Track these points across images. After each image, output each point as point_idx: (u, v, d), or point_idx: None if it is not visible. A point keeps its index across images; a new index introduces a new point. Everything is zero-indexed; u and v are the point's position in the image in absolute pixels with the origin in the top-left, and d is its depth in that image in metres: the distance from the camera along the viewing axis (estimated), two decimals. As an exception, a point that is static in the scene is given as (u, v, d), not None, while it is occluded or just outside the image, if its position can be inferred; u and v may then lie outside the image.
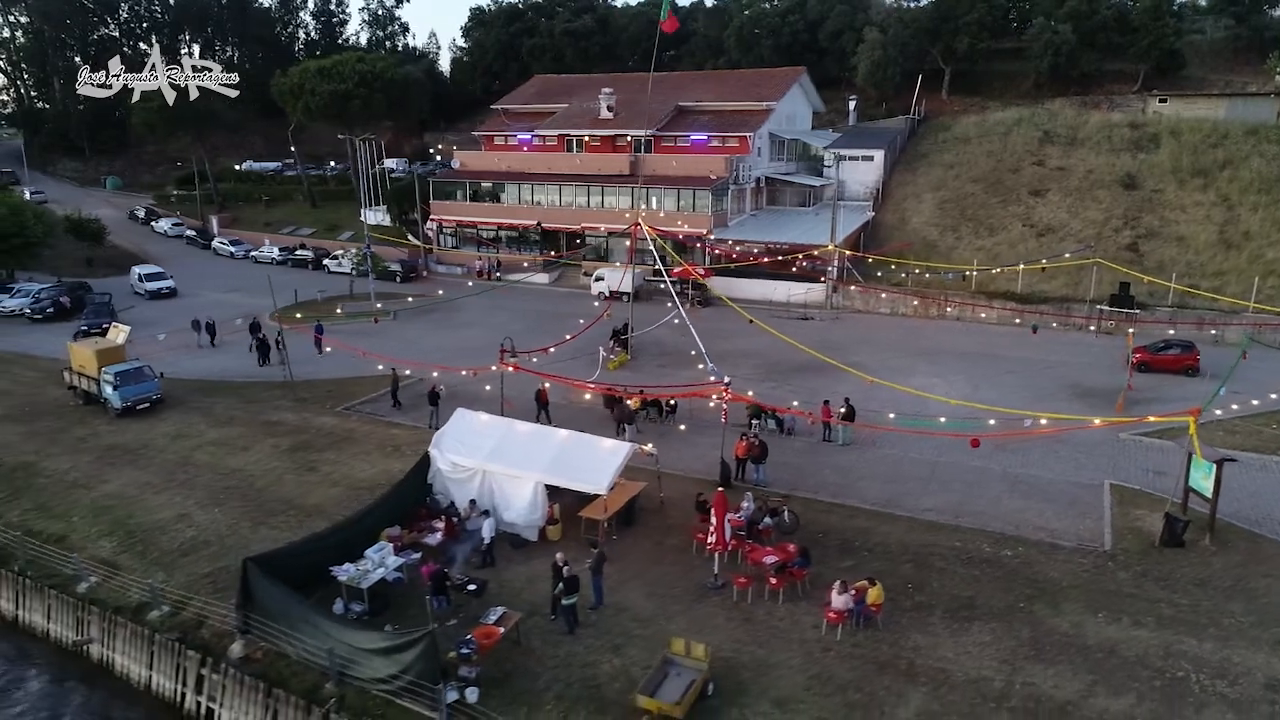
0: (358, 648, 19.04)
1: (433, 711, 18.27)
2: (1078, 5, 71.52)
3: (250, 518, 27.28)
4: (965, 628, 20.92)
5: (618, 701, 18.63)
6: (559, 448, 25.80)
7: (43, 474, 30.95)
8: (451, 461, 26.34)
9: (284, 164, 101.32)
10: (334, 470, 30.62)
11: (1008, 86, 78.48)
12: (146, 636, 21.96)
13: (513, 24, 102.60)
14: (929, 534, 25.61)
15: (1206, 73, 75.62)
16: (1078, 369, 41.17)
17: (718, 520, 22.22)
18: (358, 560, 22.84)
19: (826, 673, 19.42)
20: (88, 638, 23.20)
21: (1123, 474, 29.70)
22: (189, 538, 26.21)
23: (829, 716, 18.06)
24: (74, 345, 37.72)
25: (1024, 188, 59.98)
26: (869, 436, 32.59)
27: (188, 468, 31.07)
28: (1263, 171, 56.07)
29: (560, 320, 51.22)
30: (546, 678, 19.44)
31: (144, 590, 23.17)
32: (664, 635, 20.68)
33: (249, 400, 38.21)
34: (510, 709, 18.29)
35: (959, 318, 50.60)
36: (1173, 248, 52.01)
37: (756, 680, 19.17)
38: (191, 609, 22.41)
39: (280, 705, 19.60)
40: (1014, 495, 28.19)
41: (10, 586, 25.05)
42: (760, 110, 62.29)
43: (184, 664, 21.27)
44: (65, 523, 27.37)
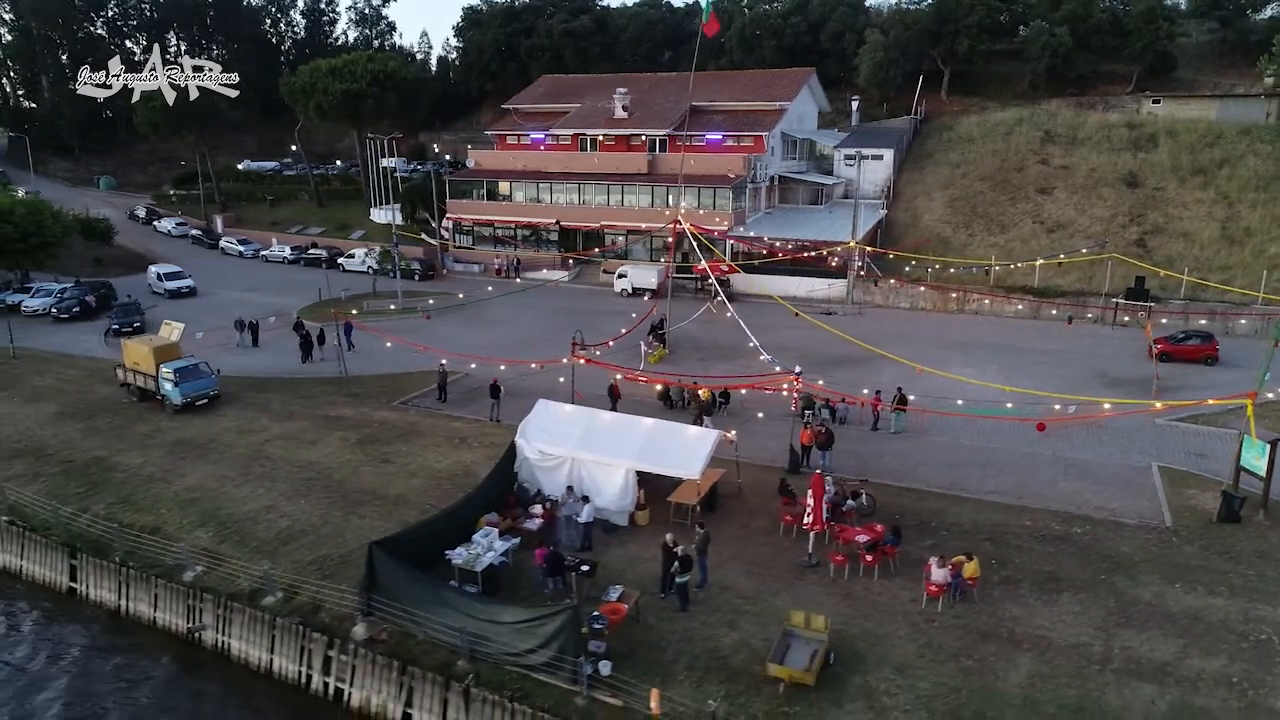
0: (499, 623, 19.85)
1: (573, 684, 19.18)
2: (1074, 8, 73.59)
3: (338, 508, 27.92)
4: (1055, 599, 22.18)
5: (745, 671, 19.64)
6: (646, 436, 26.75)
7: (117, 469, 31.31)
8: (539, 450, 27.19)
9: (282, 163, 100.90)
10: (409, 461, 31.31)
11: (1004, 87, 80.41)
12: (267, 621, 22.58)
13: (510, 24, 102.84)
14: (998, 514, 26.88)
15: (1195, 74, 78.05)
16: (1102, 359, 42.78)
17: (815, 501, 23.31)
18: (461, 545, 23.73)
19: (935, 642, 20.56)
20: (200, 625, 23.75)
21: (1167, 457, 31.19)
22: (283, 528, 26.81)
23: (947, 681, 19.20)
24: (128, 343, 37.95)
25: (1030, 186, 61.79)
26: (919, 425, 33.88)
27: (262, 461, 31.59)
28: (1259, 170, 58.28)
29: (588, 317, 52.07)
30: (672, 651, 20.41)
31: (253, 578, 23.82)
32: (772, 611, 21.78)
33: (303, 396, 38.70)
34: (644, 680, 19.18)
35: (978, 311, 52.17)
36: (1179, 243, 53.99)
37: (871, 650, 20.26)
38: (306, 594, 23.09)
39: (416, 683, 20.36)
40: (1068, 478, 29.55)
41: (112, 577, 25.49)
42: (774, 110, 63.54)
43: (309, 646, 21.93)
44: (154, 515, 27.84)
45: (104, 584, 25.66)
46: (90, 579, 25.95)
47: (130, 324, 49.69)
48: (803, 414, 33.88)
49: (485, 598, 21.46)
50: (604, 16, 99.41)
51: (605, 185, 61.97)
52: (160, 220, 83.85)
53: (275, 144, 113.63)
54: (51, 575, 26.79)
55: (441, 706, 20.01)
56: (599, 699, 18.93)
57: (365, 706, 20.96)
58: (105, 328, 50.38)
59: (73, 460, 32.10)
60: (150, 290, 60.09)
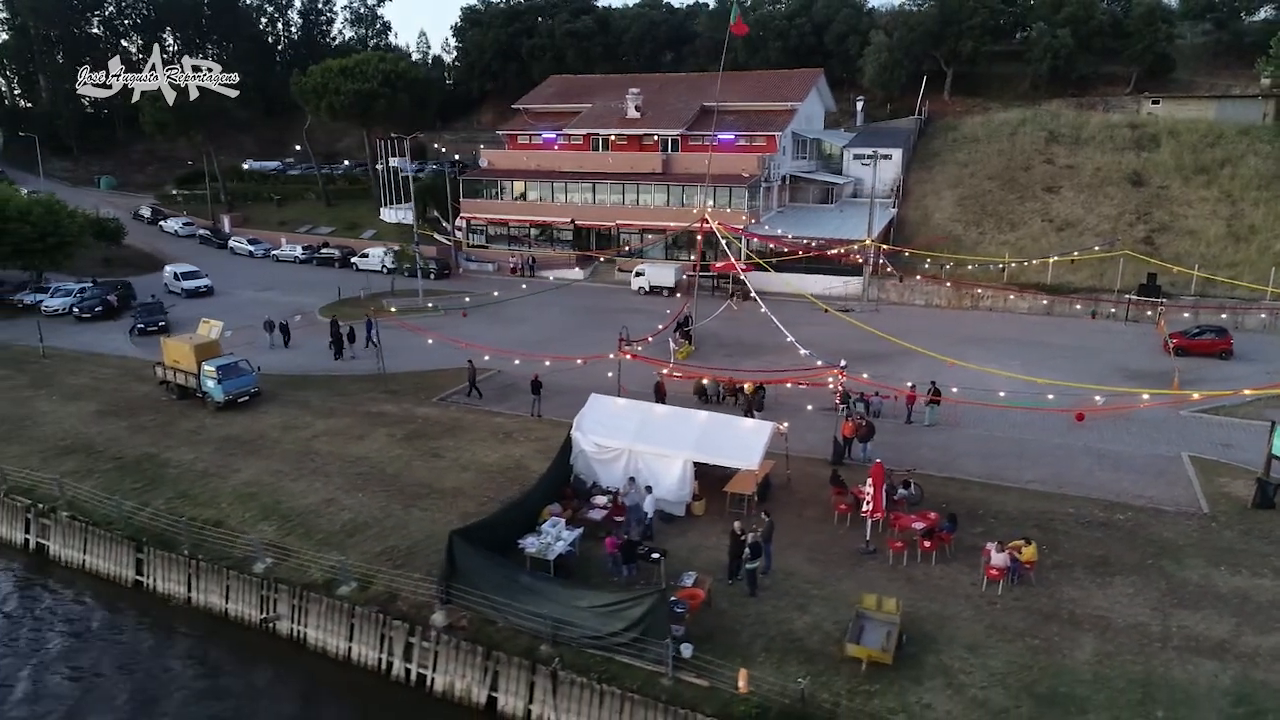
0: (585, 608, 20.49)
1: (658, 665, 19.84)
2: (1075, 10, 74.90)
3: (397, 501, 28.46)
4: (1108, 581, 23.06)
5: (822, 652, 20.38)
6: (701, 428, 27.45)
7: (169, 465, 31.71)
8: (595, 443, 27.82)
9: (284, 163, 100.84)
10: (459, 456, 31.87)
11: (1006, 88, 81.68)
12: (345, 610, 23.10)
13: (511, 24, 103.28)
14: (1042, 502, 27.75)
15: (1192, 76, 79.59)
16: (1119, 354, 43.82)
17: (876, 490, 24.09)
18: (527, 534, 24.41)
19: (1000, 623, 21.37)
20: (275, 614, 24.24)
21: (1195, 447, 32.18)
22: (346, 520, 27.33)
23: (1017, 659, 20.01)
24: (168, 341, 38.26)
25: (1037, 185, 62.96)
26: (952, 417, 34.77)
27: (312, 456, 32.06)
28: (1260, 169, 59.69)
29: (608, 315, 52.82)
30: (747, 634, 21.12)
31: (325, 568, 24.35)
32: (838, 595, 22.56)
33: (340, 393, 39.15)
34: (726, 662, 19.88)
35: (991, 308, 53.21)
36: (1185, 241, 55.24)
37: (940, 630, 21.04)
38: (380, 583, 23.64)
39: (501, 667, 20.97)
40: (1103, 468, 30.48)
41: (182, 569, 25.92)
42: (785, 110, 64.39)
43: (389, 634, 22.48)
44: (215, 509, 28.27)
45: (172, 576, 26.09)
46: (158, 572, 26.36)
47: (155, 323, 49.96)
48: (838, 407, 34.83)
49: (569, 583, 22.07)
50: (606, 17, 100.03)
51: (621, 185, 62.59)
52: (166, 220, 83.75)
53: (273, 144, 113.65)
54: (117, 569, 27.17)
55: (528, 690, 20.63)
56: (684, 680, 19.61)
57: (449, 691, 21.53)
58: (129, 327, 50.49)
59: (123, 457, 32.45)
60: (166, 290, 60.24)
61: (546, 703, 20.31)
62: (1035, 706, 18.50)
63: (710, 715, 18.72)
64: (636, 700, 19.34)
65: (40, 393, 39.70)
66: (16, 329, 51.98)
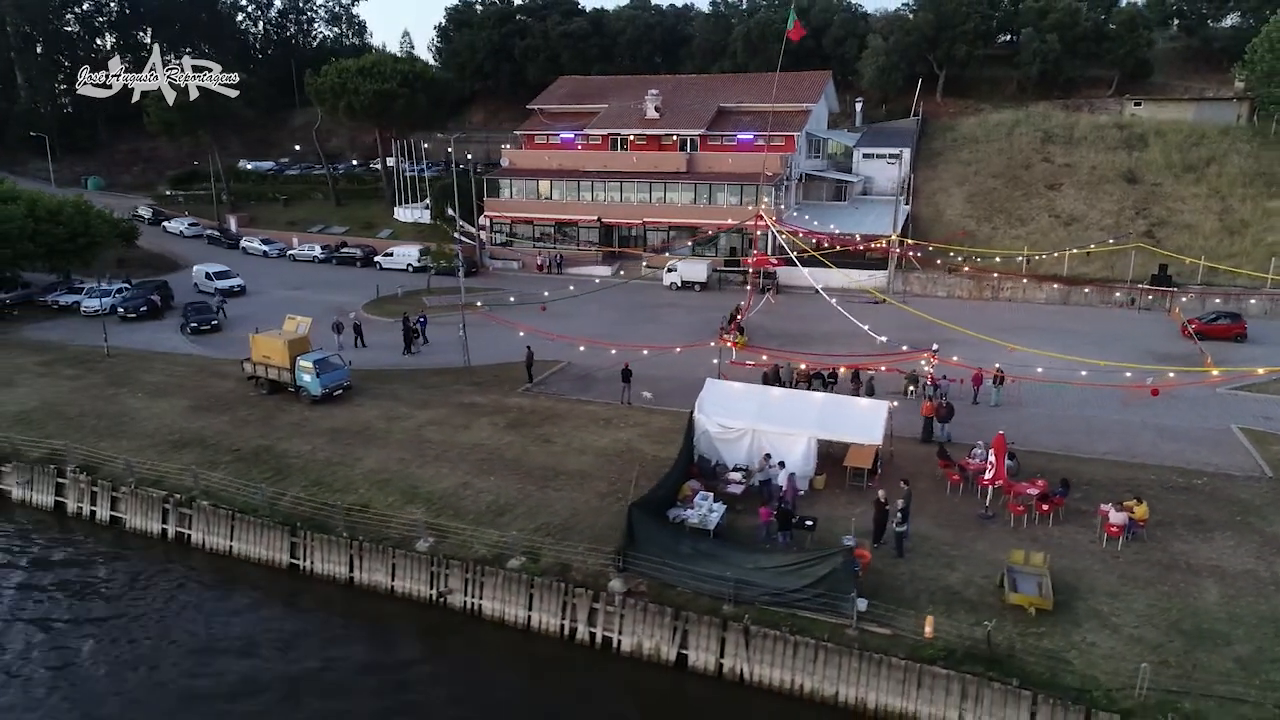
0: (767, 568, 22.46)
1: (841, 618, 21.89)
2: (1061, 17, 78.77)
3: (531, 483, 30.02)
4: (1209, 536, 25.76)
5: (982, 602, 22.64)
6: (820, 408, 29.59)
7: (288, 455, 32.75)
8: (719, 424, 29.74)
9: (279, 163, 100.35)
10: (569, 441, 33.48)
11: (995, 90, 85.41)
12: (524, 581, 24.66)
13: (503, 25, 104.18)
14: (1124, 470, 30.42)
15: (1167, 79, 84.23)
16: (1141, 339, 46.99)
17: (998, 460, 26.46)
18: (678, 508, 26.31)
19: (1128, 573, 23.89)
20: (448, 589, 25.68)
21: (1240, 420, 35.28)
22: (488, 501, 28.83)
23: (1156, 602, 22.53)
24: (258, 337, 39.01)
25: (1039, 182, 66.45)
26: (1014, 398, 37.34)
27: (427, 445, 33.37)
28: (1244, 167, 63.92)
29: (647, 309, 54.90)
30: (909, 590, 23.28)
31: (491, 544, 25.91)
32: (975, 554, 24.91)
33: (425, 386, 40.35)
34: (900, 613, 22.02)
35: (1011, 299, 56.34)
36: (1184, 235, 59.02)
37: (1079, 581, 23.45)
38: (549, 555, 25.28)
39: (691, 626, 22.77)
40: (1164, 440, 33.35)
41: (342, 551, 27.15)
42: (801, 111, 66.87)
43: (571, 601, 24.11)
44: (356, 494, 29.50)
45: (332, 558, 27.30)
46: (316, 554, 27.53)
47: (208, 321, 50.35)
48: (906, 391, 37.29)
49: (746, 547, 23.98)
50: (600, 18, 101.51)
51: (647, 183, 64.39)
52: (170, 221, 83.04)
53: (259, 144, 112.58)
54: (270, 553, 28.26)
55: (718, 645, 22.49)
56: (868, 630, 21.69)
57: (637, 650, 23.29)
58: (180, 326, 50.72)
59: (239, 449, 33.37)
60: (197, 289, 60.26)
61: (739, 656, 22.21)
62: (1185, 641, 20.99)
63: (902, 658, 20.82)
64: (830, 649, 21.36)
65: (122, 390, 40.14)
66: (61, 329, 51.96)
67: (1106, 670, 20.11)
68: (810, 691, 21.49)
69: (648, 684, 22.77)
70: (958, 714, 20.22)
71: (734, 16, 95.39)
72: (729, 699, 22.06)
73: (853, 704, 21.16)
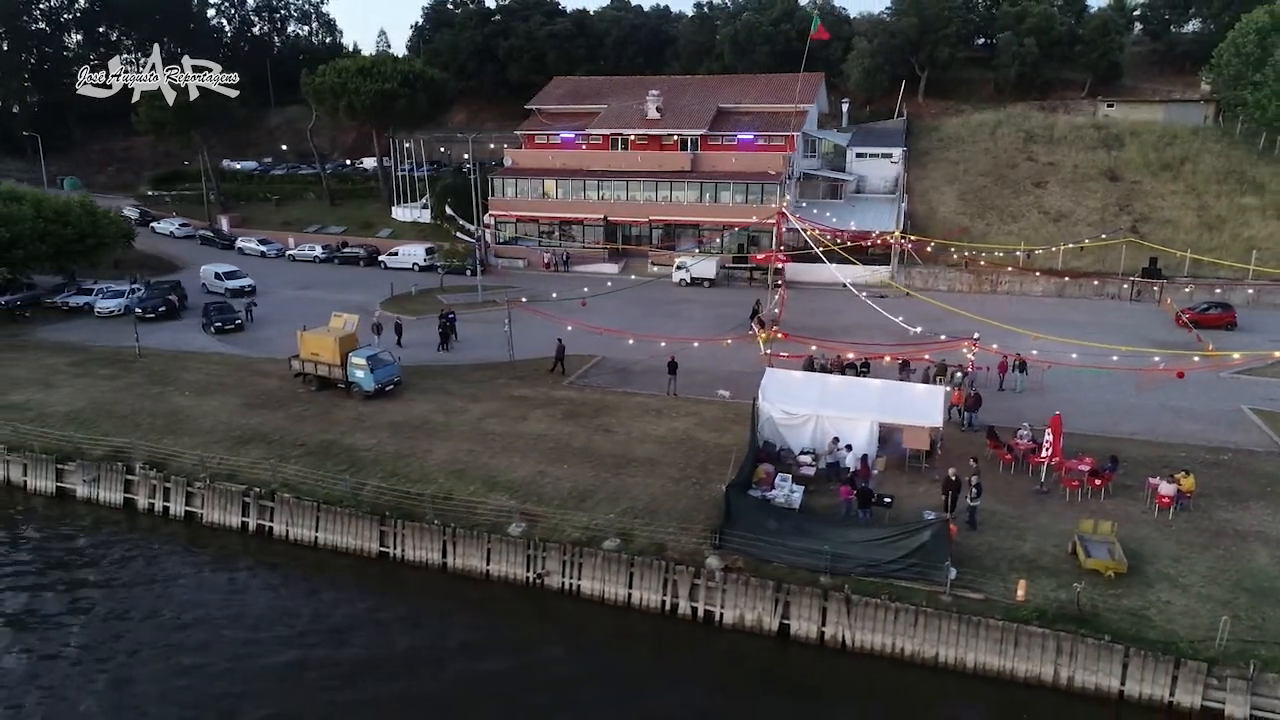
0: (864, 541, 24.05)
1: (934, 585, 23.54)
2: (1037, 21, 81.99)
3: (605, 470, 31.22)
4: (1246, 506, 27.97)
5: (1058, 568, 24.47)
6: (879, 394, 31.30)
7: (357, 449, 33.48)
8: (783, 410, 31.25)
9: (262, 163, 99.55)
10: (629, 430, 34.73)
11: (973, 91, 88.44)
12: (624, 561, 25.88)
13: (486, 25, 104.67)
14: (1153, 449, 32.57)
15: (1135, 82, 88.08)
16: (1139, 328, 49.55)
17: (1055, 438, 28.40)
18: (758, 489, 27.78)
19: (1184, 539, 25.94)
20: (545, 571, 26.78)
21: (1248, 402, 37.74)
22: (568, 488, 29.96)
23: (1215, 564, 24.59)
24: (306, 334, 39.49)
25: (1026, 180, 69.21)
26: (1037, 384, 39.47)
27: (491, 436, 34.35)
28: (1216, 166, 67.35)
29: (662, 305, 56.18)
30: (990, 558, 25.02)
31: (579, 528, 27.11)
32: (1041, 526, 26.81)
33: (470, 381, 41.22)
34: (986, 579, 23.76)
35: (1009, 292, 58.86)
36: (1166, 230, 62.11)
37: (1141, 548, 25.40)
38: (642, 536, 26.55)
39: (793, 597, 24.22)
40: (1182, 420, 35.70)
41: (435, 538, 28.08)
42: (799, 112, 68.71)
43: (673, 578, 25.40)
44: (434, 484, 30.40)
45: (424, 544, 28.20)
46: (407, 542, 28.40)
47: (231, 321, 50.46)
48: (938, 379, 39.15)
49: (840, 524, 25.52)
50: (583, 19, 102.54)
51: (654, 182, 65.74)
52: (159, 222, 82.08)
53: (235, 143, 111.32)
54: (359, 542, 29.05)
55: (820, 614, 23.98)
56: (961, 595, 23.36)
57: (739, 622, 24.68)
58: (204, 326, 50.71)
59: (305, 444, 33.99)
60: (206, 289, 60.07)
61: (841, 624, 23.73)
62: (1250, 598, 23.05)
63: (999, 619, 22.52)
64: (930, 613, 22.99)
65: (166, 389, 40.33)
66: (78, 330, 51.66)
67: (1185, 625, 22.06)
68: (911, 654, 23.10)
69: (752, 653, 24.16)
70: (1053, 670, 21.97)
71: (719, 18, 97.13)
72: (832, 664, 23.58)
73: (952, 664, 22.80)
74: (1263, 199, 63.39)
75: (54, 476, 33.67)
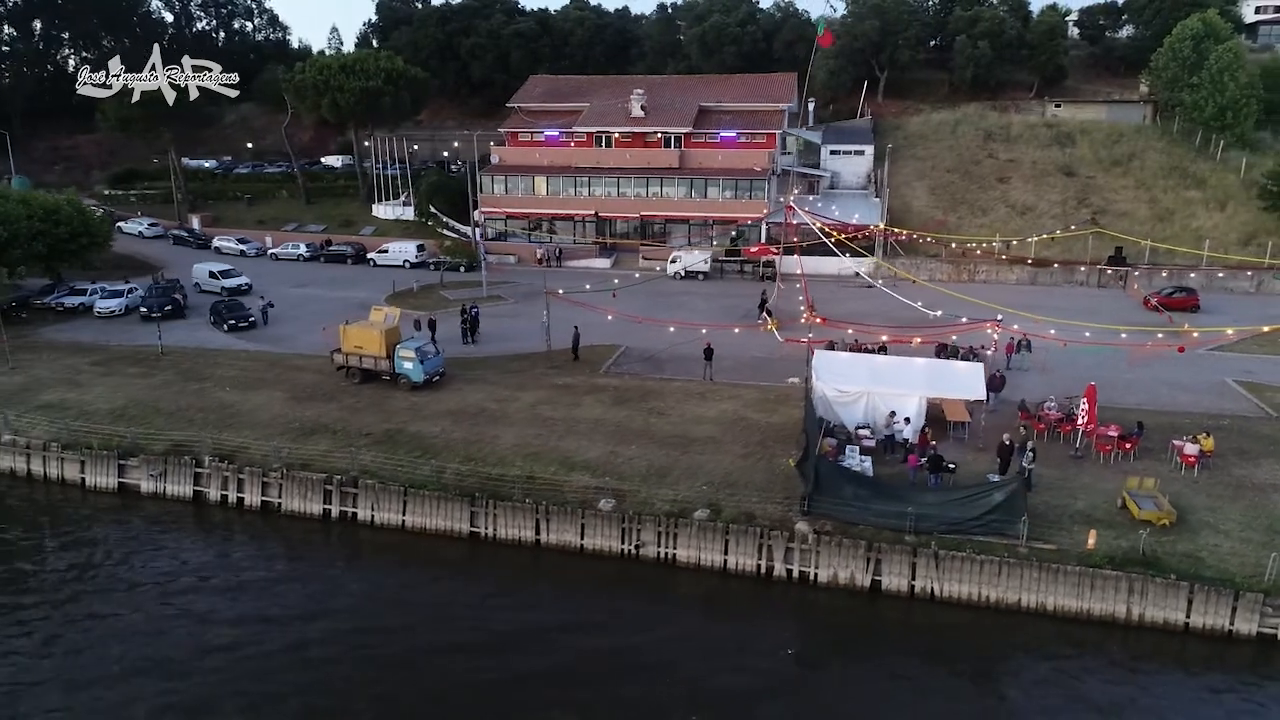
0: (947, 501, 26.39)
1: (1010, 539, 26.02)
2: (989, 26, 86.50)
3: (673, 449, 32.93)
4: (1257, 462, 31.32)
5: (1113, 521, 27.25)
6: (924, 371, 33.81)
7: (423, 436, 34.44)
8: (836, 389, 33.47)
9: (220, 162, 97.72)
10: (681, 413, 36.50)
11: (929, 92, 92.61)
12: (719, 529, 27.67)
13: (447, 24, 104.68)
14: (1159, 417, 35.70)
15: (1078, 83, 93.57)
16: (1112, 312, 53.03)
17: (1090, 407, 31.29)
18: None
19: (1213, 492, 29.06)
20: (640, 542, 28.38)
21: (1228, 375, 41.56)
22: (643, 465, 31.61)
23: (1246, 512, 27.72)
24: (349, 328, 40.02)
25: (990, 176, 73.28)
26: (1040, 363, 42.61)
27: (551, 422, 35.69)
28: (1160, 163, 72.50)
29: (667, 297, 58.01)
30: (1051, 514, 27.63)
31: (668, 501, 28.81)
32: (1086, 485, 29.62)
33: (508, 371, 42.36)
34: (1051, 532, 26.36)
35: (985, 280, 62.50)
36: (1123, 222, 66.74)
37: (1177, 501, 28.25)
38: (730, 507, 28.40)
39: (884, 555, 26.38)
40: (1177, 392, 39.22)
41: (528, 515, 29.38)
42: (777, 111, 71.45)
43: (767, 543, 27.30)
44: (514, 466, 31.68)
45: (516, 523, 29.48)
46: (499, 521, 29.64)
47: (246, 318, 50.32)
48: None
49: (917, 488, 27.82)
50: (546, 19, 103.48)
51: (644, 179, 67.48)
52: (127, 222, 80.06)
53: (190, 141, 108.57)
54: (449, 523, 30.13)
55: (909, 570, 26.20)
56: (1035, 546, 25.88)
57: (833, 581, 26.74)
58: (214, 323, 50.44)
59: (371, 433, 34.78)
60: (199, 289, 59.38)
61: (929, 577, 26.01)
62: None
63: (1074, 566, 25.09)
64: (1012, 563, 25.43)
65: (203, 385, 40.39)
66: (82, 330, 50.73)
67: (1235, 564, 25.02)
68: (995, 601, 25.53)
69: (847, 607, 26.28)
70: (1125, 608, 24.65)
71: (681, 19, 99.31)
72: (922, 614, 25.84)
73: (1033, 608, 25.31)
74: (1205, 193, 68.62)
75: (116, 473, 33.66)
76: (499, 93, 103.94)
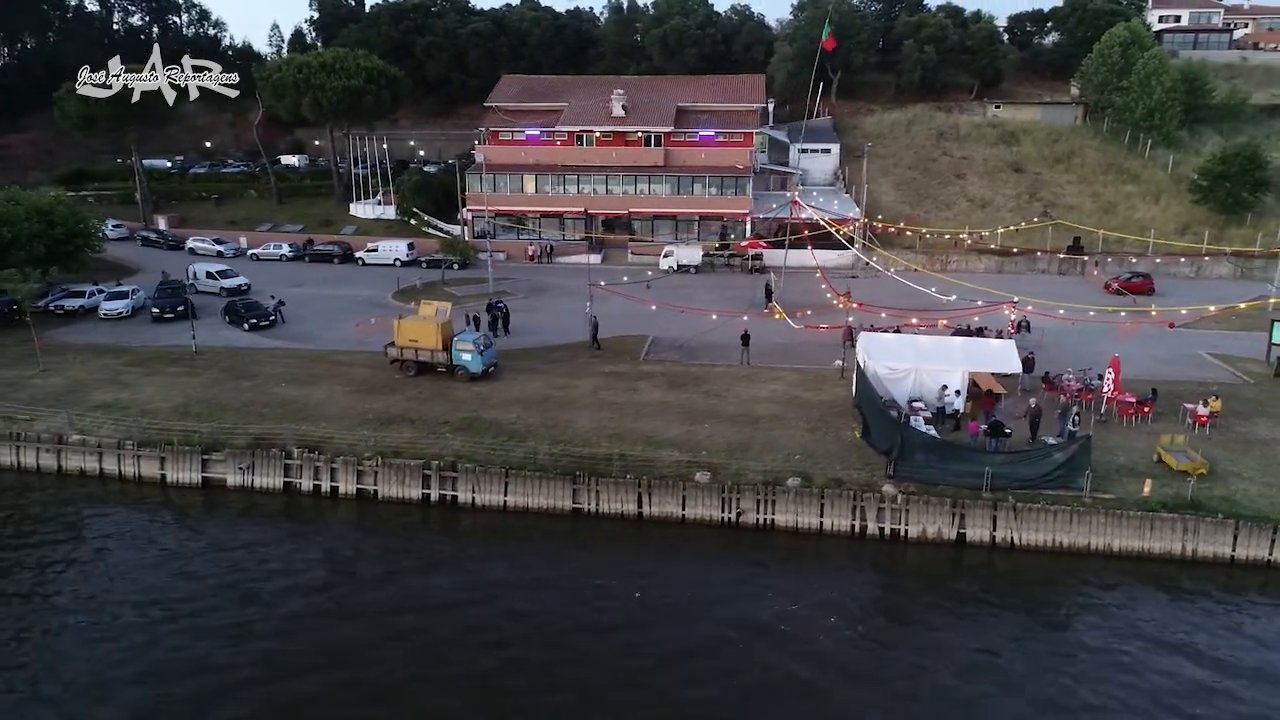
0: (1017, 460, 29.68)
1: (1074, 491, 29.49)
2: (934, 31, 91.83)
3: (745, 426, 35.40)
4: (1254, 421, 35.82)
5: (1152, 473, 30.95)
6: (963, 349, 37.19)
7: (501, 423, 35.99)
8: (887, 367, 36.52)
9: (174, 161, 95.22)
10: (737, 394, 39.01)
11: (878, 93, 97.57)
12: (815, 494, 30.28)
13: (400, 22, 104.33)
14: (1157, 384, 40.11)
15: (1012, 86, 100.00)
16: (1079, 297, 57.86)
17: (1115, 376, 35.18)
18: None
19: (1227, 446, 33.27)
20: (740, 509, 30.74)
21: (1201, 349, 46.46)
22: (724, 442, 33.97)
23: (1259, 462, 31.96)
24: (403, 322, 41.03)
25: (948, 173, 78.23)
26: (1037, 341, 46.65)
27: (618, 406, 37.69)
28: (1097, 160, 78.81)
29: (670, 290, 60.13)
30: (1101, 469, 31.21)
31: (761, 471, 31.32)
32: (1119, 444, 33.46)
33: (555, 361, 44.02)
34: (1105, 484, 29.96)
35: (956, 270, 66.97)
36: (1073, 214, 72.37)
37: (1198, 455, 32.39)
38: (819, 474, 31.07)
39: (968, 510, 29.47)
40: (1164, 365, 43.63)
41: (630, 490, 31.38)
42: (753, 111, 74.60)
43: (860, 505, 30.04)
44: (601, 446, 33.57)
45: (619, 497, 31.46)
46: (601, 496, 31.53)
47: (265, 318, 50.37)
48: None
49: (985, 451, 31.04)
50: (503, 18, 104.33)
51: (632, 177, 69.65)
52: (89, 223, 77.44)
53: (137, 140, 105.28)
54: (552, 501, 31.86)
55: (991, 522, 29.36)
56: (1098, 496, 29.41)
57: (922, 535, 29.73)
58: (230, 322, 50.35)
59: (449, 421, 36.11)
60: (196, 289, 58.59)
61: (1010, 527, 29.26)
62: (1299, 482, 30.42)
63: (1135, 511, 28.68)
64: (1081, 511, 28.88)
65: (255, 382, 40.76)
66: (95, 332, 49.98)
67: (1266, 504, 29.05)
68: (1068, 545, 28.95)
69: (937, 558, 29.28)
70: (1180, 545, 28.39)
71: (638, 20, 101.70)
72: (1004, 560, 29.06)
73: (1101, 549, 28.82)
74: (1140, 186, 75.08)
75: (200, 467, 34.05)
76: (456, 91, 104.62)
